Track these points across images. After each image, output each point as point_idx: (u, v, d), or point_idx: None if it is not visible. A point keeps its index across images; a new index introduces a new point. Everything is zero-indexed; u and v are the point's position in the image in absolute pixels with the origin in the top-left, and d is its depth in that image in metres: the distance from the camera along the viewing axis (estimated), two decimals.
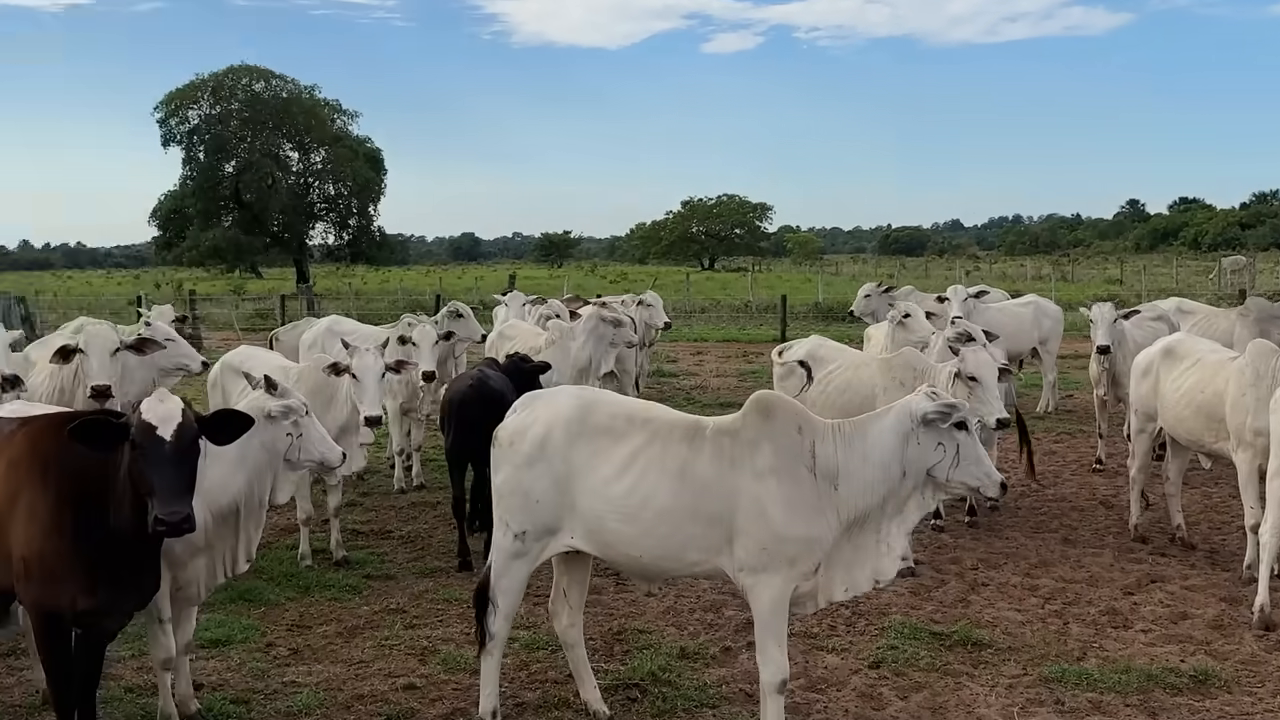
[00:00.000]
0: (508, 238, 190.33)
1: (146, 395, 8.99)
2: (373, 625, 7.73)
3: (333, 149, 60.68)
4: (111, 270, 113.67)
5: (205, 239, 58.21)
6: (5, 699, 6.55)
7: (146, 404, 5.03)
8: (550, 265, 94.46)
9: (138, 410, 5.05)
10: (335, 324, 12.30)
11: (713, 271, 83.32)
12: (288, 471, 6.13)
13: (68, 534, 5.12)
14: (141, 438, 4.93)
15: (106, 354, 8.26)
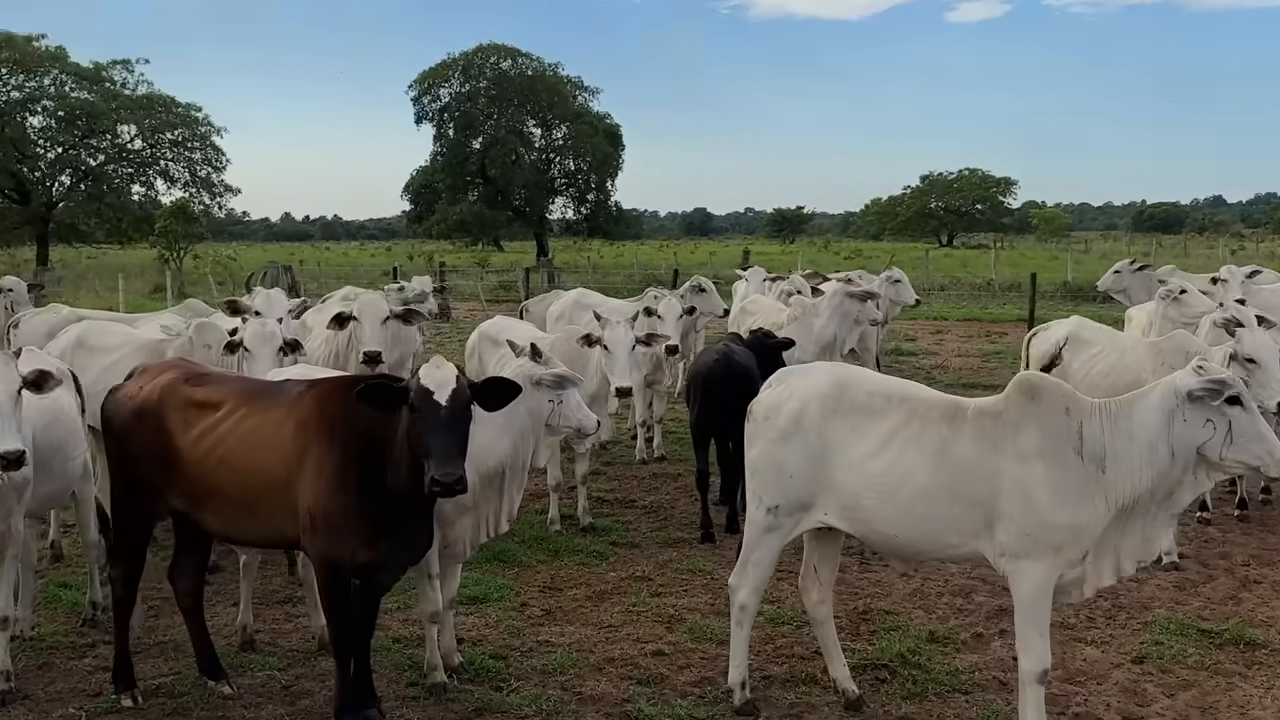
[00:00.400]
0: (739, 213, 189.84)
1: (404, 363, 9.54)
2: (620, 591, 7.92)
3: (574, 125, 61.96)
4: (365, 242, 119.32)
5: (452, 213, 60.51)
6: (284, 644, 7.02)
7: (424, 370, 5.28)
8: (782, 241, 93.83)
9: (416, 375, 5.32)
10: (582, 296, 12.61)
11: (951, 248, 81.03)
12: (548, 437, 6.36)
13: (351, 491, 5.45)
14: (419, 402, 5.19)
15: (378, 322, 8.73)
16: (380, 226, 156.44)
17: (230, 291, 29.05)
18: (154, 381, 6.03)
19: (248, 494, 5.68)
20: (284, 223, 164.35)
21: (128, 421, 6.00)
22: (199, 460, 5.76)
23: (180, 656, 6.74)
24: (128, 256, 55.90)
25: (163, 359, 8.24)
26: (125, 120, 53.92)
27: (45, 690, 6.30)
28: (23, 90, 53.75)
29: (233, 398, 5.84)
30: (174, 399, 5.90)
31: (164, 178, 55.28)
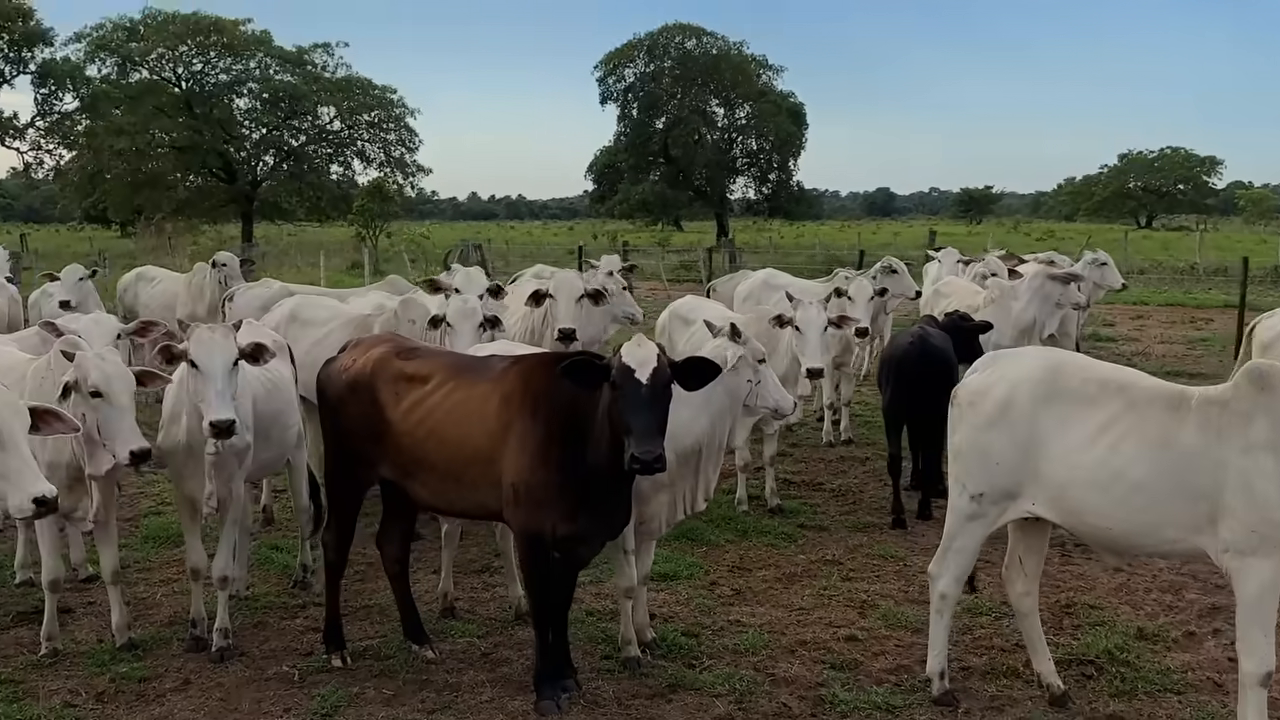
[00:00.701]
0: (923, 193, 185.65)
1: (596, 341, 9.65)
2: (810, 574, 7.86)
3: (757, 104, 61.61)
4: (547, 221, 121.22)
5: (634, 193, 61.00)
6: (482, 612, 7.21)
7: (626, 348, 5.33)
8: (969, 221, 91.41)
9: (618, 354, 5.36)
10: (771, 277, 12.53)
11: (1150, 230, 77.61)
12: (745, 417, 6.36)
13: (553, 466, 5.55)
14: (621, 379, 5.24)
15: (573, 300, 8.85)
16: (562, 206, 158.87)
17: (423, 268, 29.96)
18: (366, 355, 6.25)
19: (454, 466, 5.84)
20: (470, 202, 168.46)
21: (341, 393, 6.24)
22: (408, 432, 5.94)
23: (385, 620, 6.99)
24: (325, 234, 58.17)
25: (369, 333, 8.60)
26: (325, 102, 56.16)
27: (260, 648, 6.62)
28: (230, 73, 56.46)
29: (441, 372, 6.00)
30: (386, 372, 6.10)
31: (360, 158, 57.43)
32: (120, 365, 5.84)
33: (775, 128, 60.84)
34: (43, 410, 4.81)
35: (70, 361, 5.88)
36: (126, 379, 5.78)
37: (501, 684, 6.07)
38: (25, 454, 4.51)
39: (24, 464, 4.48)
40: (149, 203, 51.81)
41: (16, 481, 4.45)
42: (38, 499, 4.44)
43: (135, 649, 6.53)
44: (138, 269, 14.89)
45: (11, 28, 44.10)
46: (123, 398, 5.74)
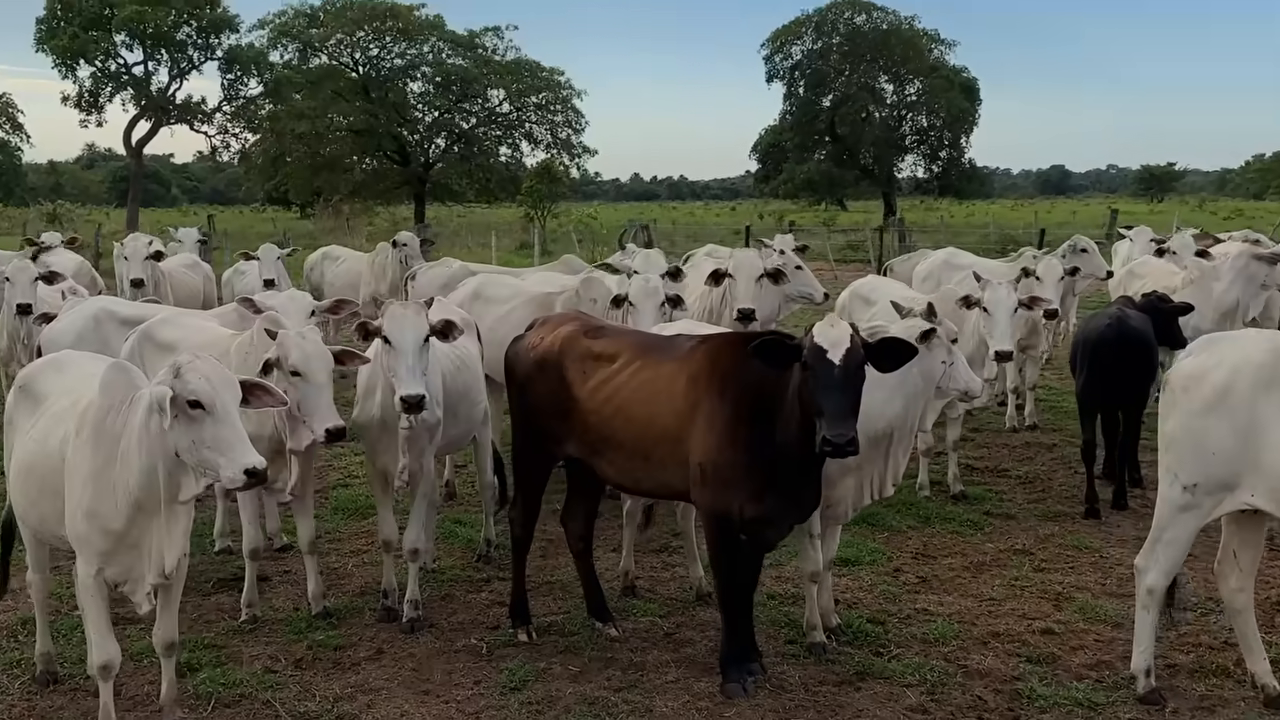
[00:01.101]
0: (1100, 170, 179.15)
1: (770, 320, 9.52)
2: (999, 563, 7.62)
3: (928, 80, 60.20)
4: (709, 202, 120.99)
5: (800, 172, 60.40)
6: (663, 591, 7.19)
7: (818, 328, 5.21)
8: (1150, 199, 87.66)
9: (809, 333, 5.25)
10: (952, 256, 12.19)
11: None
12: (936, 400, 6.18)
13: (741, 446, 5.48)
14: (813, 360, 5.13)
15: (752, 279, 8.75)
16: (724, 186, 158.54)
17: (590, 249, 30.23)
18: (554, 333, 6.27)
19: (641, 445, 5.82)
20: (633, 183, 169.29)
21: (529, 371, 6.28)
22: (595, 410, 5.95)
23: (567, 597, 7.04)
24: (493, 215, 59.29)
25: (551, 311, 8.66)
26: (495, 85, 57.08)
27: (448, 620, 6.74)
28: (404, 58, 57.89)
29: (628, 350, 5.99)
30: (573, 350, 6.11)
31: (528, 139, 58.20)
32: (320, 345, 5.99)
33: (947, 104, 59.37)
34: (253, 384, 4.94)
35: (272, 339, 6.06)
36: (325, 358, 5.94)
37: (686, 664, 6.04)
38: (237, 426, 4.63)
39: (236, 436, 4.60)
40: (327, 185, 53.60)
41: (228, 453, 4.56)
42: (249, 470, 4.55)
43: (330, 617, 6.73)
44: (323, 249, 15.38)
45: (200, 15, 45.98)
46: (321, 376, 5.90)
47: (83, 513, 4.79)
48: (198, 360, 4.68)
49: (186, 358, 4.72)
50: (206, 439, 4.58)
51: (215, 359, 4.84)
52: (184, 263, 13.54)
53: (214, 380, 4.64)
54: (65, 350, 6.06)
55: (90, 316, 8.12)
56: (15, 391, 5.54)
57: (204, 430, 4.58)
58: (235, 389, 4.70)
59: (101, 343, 7.79)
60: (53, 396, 5.29)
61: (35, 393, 5.40)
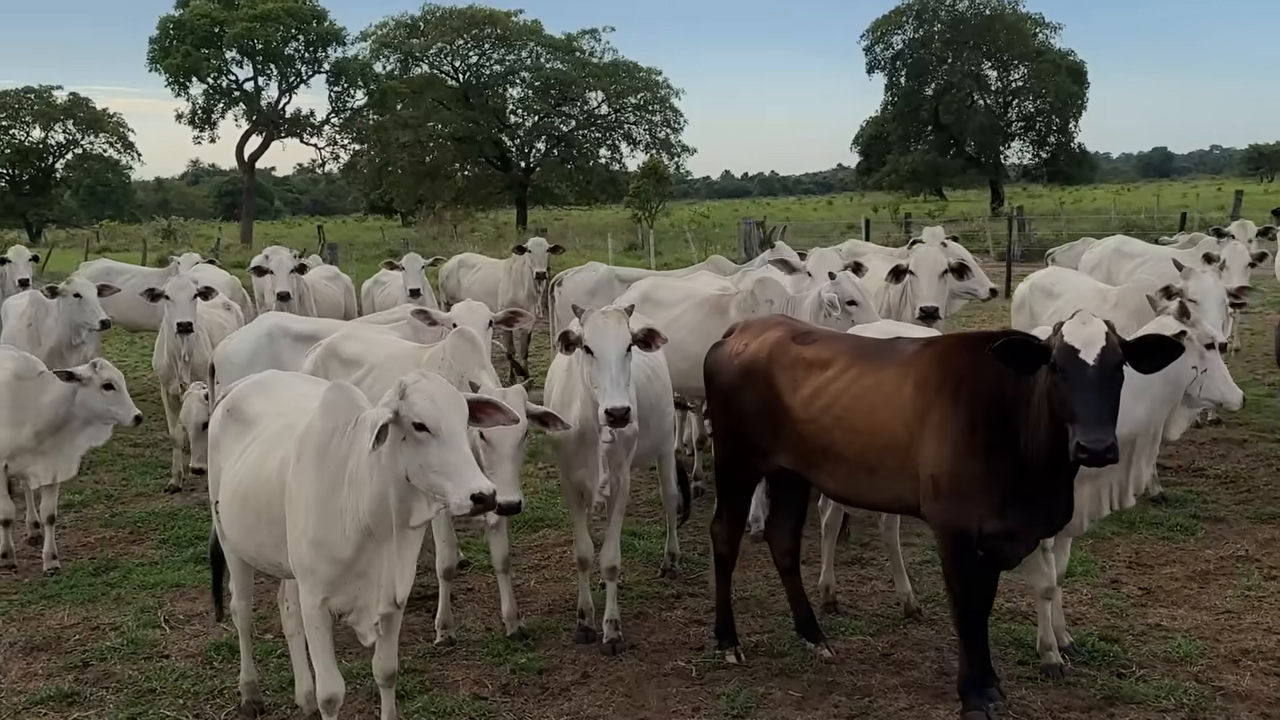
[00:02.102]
0: (1204, 150, 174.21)
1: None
2: (1224, 572, 7.12)
3: (1034, 65, 58.91)
4: (801, 197, 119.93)
5: (904, 163, 59.52)
6: (865, 607, 6.84)
7: (1069, 326, 4.82)
8: (1260, 179, 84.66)
9: (1059, 332, 4.86)
10: (1124, 244, 11.61)
11: None
12: (1186, 407, 5.72)
13: (979, 455, 5.10)
14: (1063, 360, 4.74)
15: (935, 275, 8.36)
16: (816, 181, 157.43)
17: (702, 248, 29.88)
18: (760, 339, 5.95)
19: (865, 455, 5.47)
20: (724, 180, 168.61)
21: (734, 379, 5.97)
22: (812, 420, 5.61)
23: (765, 614, 6.73)
24: (593, 216, 59.34)
25: (724, 314, 8.35)
26: (593, 87, 57.21)
27: (648, 640, 6.46)
28: (503, 64, 58.32)
29: (844, 356, 5.64)
30: (783, 357, 5.78)
31: (627, 140, 58.23)
32: (517, 407, 5.65)
33: (1054, 88, 58.08)
34: (483, 402, 4.70)
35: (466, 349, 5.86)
36: (516, 430, 5.64)
37: (914, 689, 5.68)
38: (464, 449, 4.38)
39: (463, 459, 4.35)
40: (430, 192, 54.16)
41: (455, 477, 4.31)
42: (475, 495, 4.29)
43: (526, 638, 6.49)
44: (458, 256, 15.28)
45: (308, 29, 46.75)
46: (506, 447, 5.66)
47: (308, 541, 4.58)
48: (424, 380, 4.44)
49: (413, 377, 4.48)
50: (433, 463, 4.34)
51: (441, 377, 4.60)
52: (325, 275, 13.51)
53: (439, 401, 4.39)
54: (270, 371, 5.88)
55: (264, 333, 7.99)
56: (222, 415, 5.37)
57: (430, 454, 4.34)
58: (462, 410, 4.44)
59: (275, 359, 7.67)
60: (265, 419, 5.10)
61: (245, 416, 5.23)
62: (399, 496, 4.43)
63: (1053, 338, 4.88)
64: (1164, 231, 31.23)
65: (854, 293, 7.75)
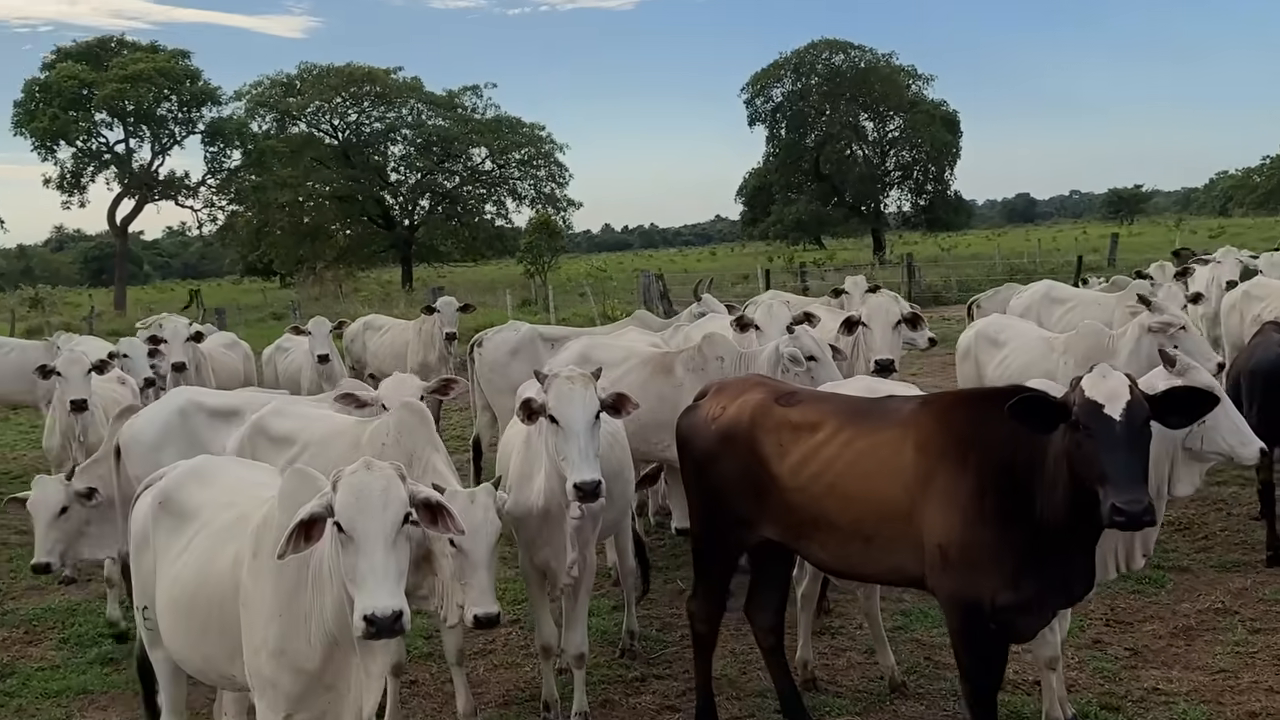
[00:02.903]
0: (1064, 196, 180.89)
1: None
2: (1207, 627, 6.87)
3: (909, 115, 60.31)
4: (682, 248, 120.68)
5: (789, 213, 60.19)
6: (846, 683, 6.43)
7: (1088, 380, 4.49)
8: (1120, 222, 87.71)
9: (1078, 387, 4.53)
10: (1052, 289, 11.51)
11: None
12: (1194, 462, 5.40)
13: (990, 522, 4.74)
14: (1087, 418, 4.40)
15: (889, 326, 8.10)
16: (695, 232, 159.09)
17: (600, 303, 29.52)
18: (739, 401, 5.53)
19: (861, 525, 5.07)
20: (604, 233, 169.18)
21: (712, 445, 5.53)
22: (802, 488, 5.20)
23: (740, 695, 6.29)
24: (479, 273, 58.62)
25: (670, 374, 7.93)
26: (477, 143, 56.73)
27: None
28: (384, 121, 57.53)
29: (834, 417, 5.25)
30: (767, 420, 5.37)
31: (513, 196, 57.82)
32: (489, 513, 5.09)
33: (929, 137, 59.47)
34: (435, 504, 4.12)
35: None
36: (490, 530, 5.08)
37: None
38: (378, 557, 3.72)
39: (372, 570, 3.72)
40: (311, 253, 52.91)
41: (360, 591, 3.72)
42: (366, 615, 3.65)
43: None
44: (364, 318, 14.56)
45: (181, 89, 45.44)
46: (482, 551, 5.05)
47: (268, 651, 3.99)
48: (361, 472, 3.90)
49: (353, 467, 3.94)
50: (348, 569, 3.80)
51: (383, 469, 3.99)
52: (222, 342, 12.76)
53: (361, 500, 3.81)
54: (204, 456, 5.25)
55: (175, 410, 7.26)
56: (151, 508, 4.73)
57: (349, 558, 3.80)
58: (387, 512, 3.83)
59: (190, 438, 6.99)
60: (209, 510, 4.50)
61: (182, 508, 4.61)
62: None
63: (1071, 394, 4.54)
64: (1049, 274, 31.98)
65: (814, 347, 7.39)
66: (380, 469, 3.98)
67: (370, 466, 3.98)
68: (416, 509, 4.05)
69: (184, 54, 48.06)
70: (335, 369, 12.01)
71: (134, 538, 4.86)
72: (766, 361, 7.52)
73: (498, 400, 11.16)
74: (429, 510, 4.14)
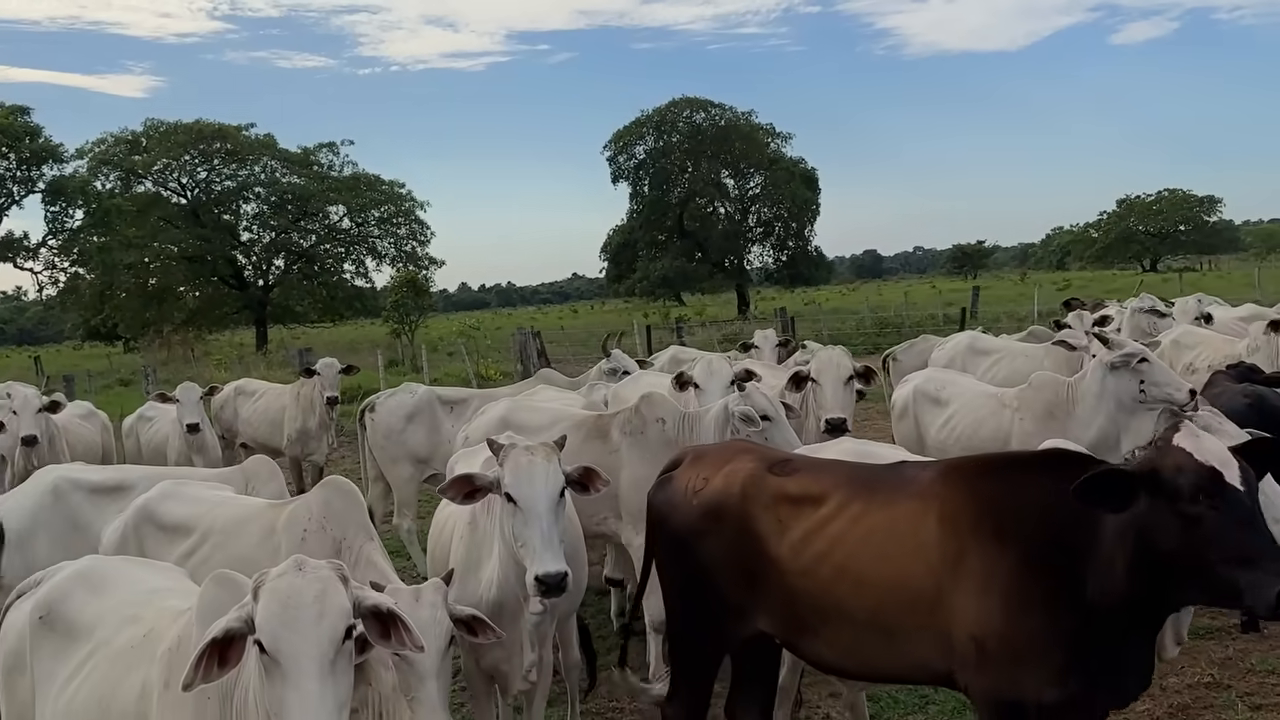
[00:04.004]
0: (908, 252, 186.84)
1: None
2: (1204, 704, 6.31)
3: (769, 173, 60.91)
4: (541, 306, 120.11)
5: (654, 269, 59.96)
6: None
7: (1187, 442, 3.76)
8: (964, 277, 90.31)
9: (1171, 453, 3.79)
10: (975, 341, 11.10)
11: (1153, 273, 76.60)
12: None
13: (1034, 608, 4.07)
14: (1209, 488, 3.64)
15: (840, 383, 7.44)
16: (552, 290, 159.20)
17: (476, 362, 28.51)
18: (725, 471, 4.79)
19: (879, 615, 4.35)
20: (460, 292, 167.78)
21: (693, 523, 4.77)
22: (805, 572, 4.48)
23: None
24: (337, 333, 56.85)
25: (606, 437, 7.15)
26: (334, 201, 55.20)
27: None
28: (235, 179, 55.62)
29: (840, 488, 4.55)
30: (760, 493, 4.65)
31: (372, 254, 56.30)
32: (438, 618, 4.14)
33: (790, 194, 60.13)
34: (390, 615, 3.32)
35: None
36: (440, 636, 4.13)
37: None
38: (308, 685, 2.97)
39: (300, 701, 2.97)
40: (159, 315, 50.52)
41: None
42: None
43: None
44: (234, 383, 13.36)
45: (20, 146, 42.97)
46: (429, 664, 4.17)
47: None
48: (291, 574, 3.08)
49: (282, 567, 3.11)
50: (272, 699, 3.03)
51: (317, 572, 3.15)
52: (78, 413, 11.49)
53: (290, 606, 3.03)
54: (92, 558, 4.24)
55: (47, 490, 6.12)
56: (29, 624, 3.75)
57: (272, 686, 3.03)
58: (326, 623, 3.04)
59: (68, 524, 5.93)
60: (103, 627, 3.55)
61: (70, 624, 3.66)
62: None
63: (1158, 460, 3.82)
64: (915, 326, 32.23)
65: (767, 406, 6.67)
66: (314, 570, 3.15)
67: (302, 567, 3.14)
68: (363, 619, 3.22)
69: (23, 110, 45.61)
70: (206, 439, 10.90)
71: (3, 659, 3.86)
72: (714, 422, 6.80)
73: (392, 470, 10.26)
74: (378, 620, 3.31)
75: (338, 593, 3.11)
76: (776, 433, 6.60)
